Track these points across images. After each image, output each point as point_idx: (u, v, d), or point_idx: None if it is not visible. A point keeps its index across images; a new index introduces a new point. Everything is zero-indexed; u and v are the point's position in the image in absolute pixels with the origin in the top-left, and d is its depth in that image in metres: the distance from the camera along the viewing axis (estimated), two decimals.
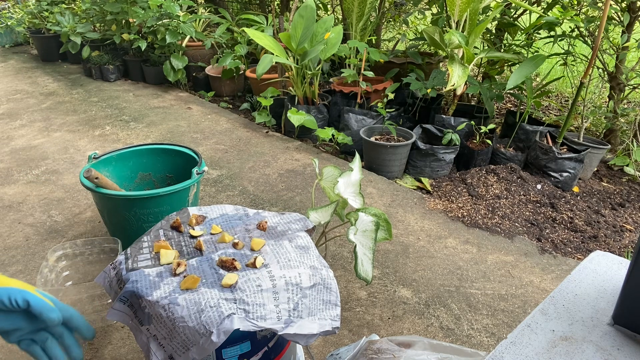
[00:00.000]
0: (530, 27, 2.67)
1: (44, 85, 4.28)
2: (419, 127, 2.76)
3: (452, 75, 2.44)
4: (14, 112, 3.54)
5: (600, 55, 2.74)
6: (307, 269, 0.85)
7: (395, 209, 2.26)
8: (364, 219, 1.25)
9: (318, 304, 0.82)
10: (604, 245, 2.02)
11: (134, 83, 4.41)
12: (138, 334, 0.79)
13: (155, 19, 3.85)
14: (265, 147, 2.95)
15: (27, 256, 1.85)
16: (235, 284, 0.79)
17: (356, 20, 3.18)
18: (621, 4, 2.63)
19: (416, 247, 1.97)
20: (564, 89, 4.13)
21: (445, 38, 2.57)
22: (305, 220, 1.02)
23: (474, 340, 1.49)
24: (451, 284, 1.74)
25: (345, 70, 2.96)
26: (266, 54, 2.90)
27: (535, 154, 2.57)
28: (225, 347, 0.80)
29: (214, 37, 4.04)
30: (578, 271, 0.75)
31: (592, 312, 0.66)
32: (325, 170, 1.40)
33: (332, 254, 1.89)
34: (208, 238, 0.95)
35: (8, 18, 5.80)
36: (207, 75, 4.06)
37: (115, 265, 0.87)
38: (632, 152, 2.69)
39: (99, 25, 4.71)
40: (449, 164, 2.61)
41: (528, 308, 1.63)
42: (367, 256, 1.23)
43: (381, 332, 1.51)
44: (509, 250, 1.97)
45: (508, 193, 2.36)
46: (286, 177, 2.55)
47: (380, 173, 2.62)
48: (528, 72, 2.36)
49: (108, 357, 1.40)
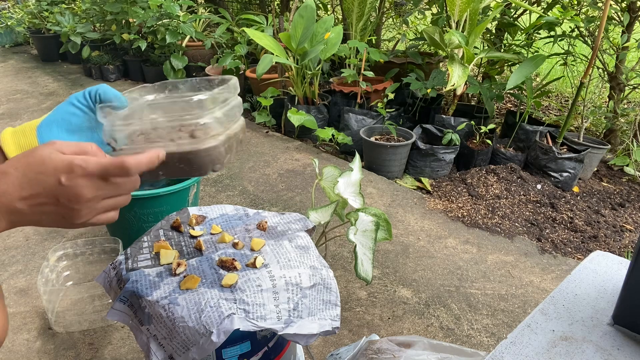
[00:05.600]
0: (530, 27, 2.67)
1: (44, 85, 4.28)
2: (419, 127, 2.76)
3: (452, 75, 2.44)
4: (14, 112, 3.54)
5: (600, 55, 2.74)
6: (307, 269, 0.85)
7: (395, 209, 2.26)
8: (364, 219, 1.25)
9: (318, 304, 0.82)
10: (604, 245, 2.02)
11: (134, 83, 4.41)
12: (138, 334, 0.79)
13: (155, 19, 3.85)
14: (265, 147, 2.95)
15: (27, 256, 1.85)
16: (235, 284, 0.79)
17: (356, 20, 3.18)
18: (621, 4, 2.63)
19: (416, 247, 1.97)
20: (564, 89, 4.13)
21: (445, 38, 2.57)
22: (305, 220, 1.02)
23: (474, 340, 1.49)
24: (451, 284, 1.74)
25: (345, 70, 2.95)
26: (266, 54, 2.90)
27: (535, 154, 2.57)
28: (225, 347, 0.80)
29: (214, 37, 4.04)
30: (578, 271, 0.75)
31: (592, 312, 0.66)
32: (325, 170, 1.40)
33: (332, 254, 1.89)
34: (208, 238, 0.95)
35: (8, 18, 5.80)
36: (207, 75, 4.06)
37: (116, 265, 0.87)
38: (632, 152, 2.69)
39: (99, 25, 4.71)
40: (449, 164, 2.61)
41: (528, 308, 1.63)
42: (367, 256, 1.23)
43: (381, 332, 1.51)
44: (509, 250, 1.97)
45: (508, 193, 2.36)
46: (286, 177, 2.55)
47: (380, 173, 2.62)
48: (528, 72, 2.36)
49: (108, 357, 1.40)
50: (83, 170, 0.51)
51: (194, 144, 0.62)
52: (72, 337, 1.47)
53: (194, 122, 0.62)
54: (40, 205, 0.51)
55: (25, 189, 0.50)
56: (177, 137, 0.62)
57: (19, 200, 0.50)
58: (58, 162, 0.51)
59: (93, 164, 0.52)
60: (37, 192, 0.51)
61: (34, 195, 0.51)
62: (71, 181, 0.51)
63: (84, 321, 1.50)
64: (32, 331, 1.48)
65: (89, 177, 0.52)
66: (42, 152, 0.52)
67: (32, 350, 1.42)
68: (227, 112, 0.68)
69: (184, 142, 0.62)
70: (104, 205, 0.55)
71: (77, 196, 0.51)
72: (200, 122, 0.62)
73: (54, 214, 0.52)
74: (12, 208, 0.50)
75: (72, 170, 0.51)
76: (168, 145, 0.62)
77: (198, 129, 0.62)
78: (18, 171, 0.51)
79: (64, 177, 0.51)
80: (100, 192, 0.53)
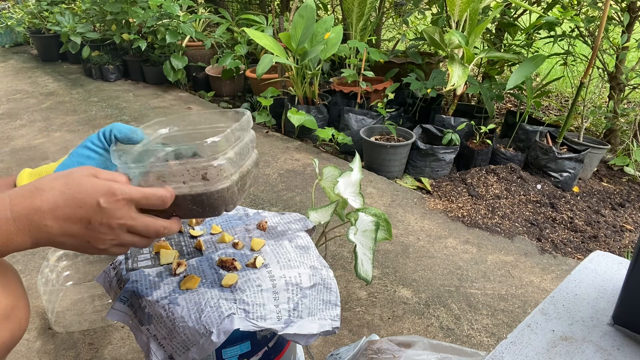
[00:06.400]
0: (530, 27, 2.67)
1: (44, 85, 4.28)
2: (419, 127, 2.76)
3: (452, 75, 2.44)
4: (14, 112, 3.54)
5: (600, 55, 2.74)
6: (307, 269, 0.85)
7: (395, 209, 2.26)
8: (364, 219, 1.25)
9: (318, 304, 0.82)
10: (604, 245, 2.02)
11: (134, 83, 4.41)
12: (138, 334, 0.79)
13: (155, 19, 3.85)
14: (265, 147, 2.95)
15: (27, 256, 1.85)
16: (235, 284, 0.79)
17: (356, 20, 3.18)
18: (621, 4, 2.63)
19: (416, 247, 1.97)
20: (564, 89, 4.13)
21: (445, 38, 2.57)
22: (305, 220, 1.02)
23: (474, 340, 1.49)
24: (451, 284, 1.74)
25: (345, 70, 2.96)
26: (266, 54, 2.90)
27: (535, 154, 2.57)
28: (225, 347, 0.80)
29: (214, 37, 4.04)
30: (578, 271, 0.75)
31: (592, 312, 0.66)
32: (325, 170, 1.40)
33: (332, 254, 1.89)
34: (208, 238, 0.95)
35: (8, 18, 5.80)
36: (207, 75, 4.06)
37: (115, 265, 0.87)
38: (632, 152, 2.69)
39: (99, 25, 4.71)
40: (449, 164, 2.61)
41: (528, 308, 1.63)
42: (367, 256, 1.23)
43: (381, 332, 1.51)
44: (509, 250, 1.97)
45: (508, 193, 2.36)
46: (286, 177, 2.55)
47: (380, 173, 2.62)
48: (528, 72, 2.36)
49: (108, 357, 1.40)
50: (124, 194, 0.52)
51: (207, 186, 0.62)
52: (72, 337, 1.47)
53: (207, 164, 0.62)
54: (71, 226, 0.51)
55: (61, 207, 0.49)
56: (189, 178, 0.62)
57: (51, 219, 0.49)
58: (98, 185, 0.51)
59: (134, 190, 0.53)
60: (73, 212, 0.50)
61: (69, 215, 0.50)
62: (110, 204, 0.51)
63: (84, 321, 1.50)
64: (32, 331, 1.48)
65: (124, 203, 0.52)
66: (81, 173, 0.51)
67: (32, 350, 1.42)
68: (240, 151, 0.67)
69: (197, 184, 0.62)
70: (126, 240, 0.55)
71: (109, 219, 0.51)
72: (214, 164, 0.62)
73: (80, 237, 0.52)
74: (41, 226, 0.49)
75: (113, 194, 0.51)
76: (180, 188, 0.62)
77: (211, 171, 0.62)
78: (55, 190, 0.50)
79: (102, 199, 0.51)
80: (130, 223, 0.53)
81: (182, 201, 0.62)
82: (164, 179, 0.62)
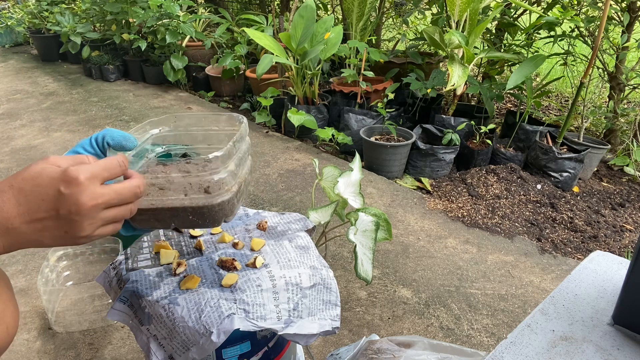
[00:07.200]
0: (530, 27, 2.67)
1: (44, 85, 4.28)
2: (419, 127, 2.76)
3: (452, 75, 2.44)
4: (14, 112, 3.54)
5: (600, 55, 2.74)
6: (307, 269, 0.85)
7: (395, 209, 2.26)
8: (364, 219, 1.25)
9: (318, 304, 0.82)
10: (604, 245, 2.02)
11: (134, 83, 4.41)
12: (138, 334, 0.79)
13: (155, 19, 3.85)
14: (265, 147, 2.95)
15: (27, 256, 1.85)
16: (235, 284, 0.79)
17: (356, 20, 3.18)
18: (621, 4, 2.63)
19: (416, 247, 1.97)
20: (564, 89, 4.13)
21: (445, 38, 2.57)
22: (305, 220, 1.02)
23: (474, 340, 1.49)
24: (451, 284, 1.74)
25: (345, 70, 2.95)
26: (266, 54, 2.90)
27: (535, 154, 2.57)
28: (225, 347, 0.80)
29: (214, 37, 4.04)
30: (578, 271, 0.75)
31: (592, 312, 0.66)
32: (325, 170, 1.40)
33: (332, 254, 1.89)
34: (208, 238, 0.95)
35: (8, 18, 5.80)
36: (207, 75, 4.06)
37: (116, 265, 0.87)
38: (632, 152, 2.69)
39: (99, 25, 4.71)
40: (449, 164, 2.61)
41: (528, 308, 1.63)
42: (367, 256, 1.23)
43: (381, 332, 1.51)
44: (509, 250, 1.97)
45: (508, 193, 2.36)
46: (286, 177, 2.55)
47: (380, 173, 2.62)
48: (528, 72, 2.36)
49: (108, 357, 1.40)
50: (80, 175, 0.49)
51: (208, 199, 0.61)
52: (72, 337, 1.47)
53: (208, 178, 0.61)
54: (40, 221, 0.49)
55: (23, 204, 0.48)
56: (190, 191, 0.61)
57: (16, 217, 0.48)
58: (53, 172, 0.49)
59: (88, 167, 0.51)
60: (36, 205, 0.48)
61: (33, 209, 0.48)
62: (70, 189, 0.49)
63: (84, 321, 1.50)
64: (32, 331, 1.48)
65: (87, 183, 0.50)
66: (36, 166, 0.50)
67: (32, 350, 1.42)
68: (239, 162, 0.67)
69: (198, 196, 0.61)
70: (106, 216, 0.53)
71: (77, 205, 0.49)
72: (215, 178, 0.61)
73: (55, 230, 0.50)
74: (9, 227, 0.48)
75: (69, 178, 0.49)
76: (182, 200, 0.61)
77: (213, 184, 0.61)
78: (13, 188, 0.48)
79: (62, 185, 0.49)
80: (100, 200, 0.51)
81: (182, 212, 0.61)
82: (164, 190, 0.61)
